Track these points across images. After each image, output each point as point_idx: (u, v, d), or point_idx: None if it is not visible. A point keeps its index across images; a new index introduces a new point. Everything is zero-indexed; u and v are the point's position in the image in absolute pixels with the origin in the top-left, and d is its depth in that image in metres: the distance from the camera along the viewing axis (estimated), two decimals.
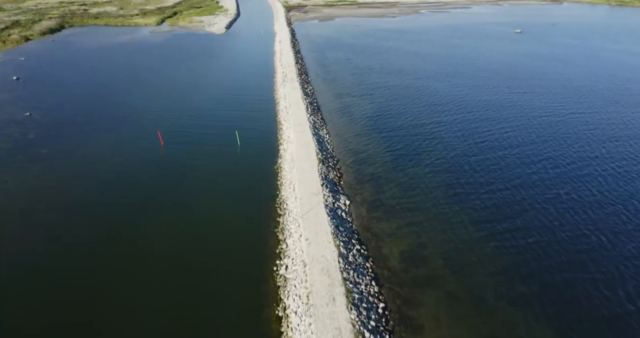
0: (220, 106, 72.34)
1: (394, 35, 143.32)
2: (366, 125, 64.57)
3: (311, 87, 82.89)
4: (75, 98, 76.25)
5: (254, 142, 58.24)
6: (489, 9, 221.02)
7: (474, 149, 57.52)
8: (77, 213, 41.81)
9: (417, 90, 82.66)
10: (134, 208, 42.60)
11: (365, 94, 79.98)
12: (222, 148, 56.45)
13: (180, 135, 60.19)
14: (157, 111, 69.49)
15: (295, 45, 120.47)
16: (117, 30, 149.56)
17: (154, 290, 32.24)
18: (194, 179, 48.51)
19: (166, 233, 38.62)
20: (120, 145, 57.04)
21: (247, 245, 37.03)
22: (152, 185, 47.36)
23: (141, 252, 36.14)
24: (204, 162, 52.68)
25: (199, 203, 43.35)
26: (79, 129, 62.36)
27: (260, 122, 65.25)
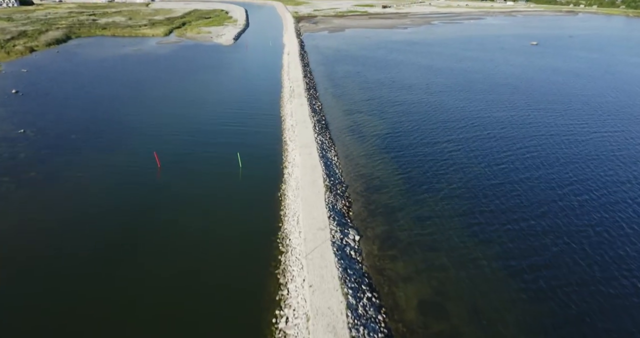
0: (224, 123, 68.66)
1: (405, 47, 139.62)
2: (377, 145, 60.47)
3: (319, 103, 79.04)
4: (72, 113, 73.02)
5: (257, 164, 54.31)
6: (503, 20, 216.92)
7: (492, 172, 53.15)
8: (59, 247, 37.97)
9: (430, 106, 78.51)
10: (122, 241, 38.66)
11: (375, 110, 75.97)
12: (223, 171, 52.58)
13: (178, 156, 56.44)
14: (156, 128, 65.95)
15: (304, 58, 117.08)
16: (123, 41, 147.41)
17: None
18: (190, 207, 44.59)
19: (156, 272, 34.59)
20: (114, 168, 53.35)
21: (245, 288, 32.90)
22: (144, 213, 43.49)
23: (127, 297, 32.11)
24: (202, 187, 48.80)
25: (193, 237, 39.34)
26: (72, 149, 58.84)
27: (264, 142, 61.38)
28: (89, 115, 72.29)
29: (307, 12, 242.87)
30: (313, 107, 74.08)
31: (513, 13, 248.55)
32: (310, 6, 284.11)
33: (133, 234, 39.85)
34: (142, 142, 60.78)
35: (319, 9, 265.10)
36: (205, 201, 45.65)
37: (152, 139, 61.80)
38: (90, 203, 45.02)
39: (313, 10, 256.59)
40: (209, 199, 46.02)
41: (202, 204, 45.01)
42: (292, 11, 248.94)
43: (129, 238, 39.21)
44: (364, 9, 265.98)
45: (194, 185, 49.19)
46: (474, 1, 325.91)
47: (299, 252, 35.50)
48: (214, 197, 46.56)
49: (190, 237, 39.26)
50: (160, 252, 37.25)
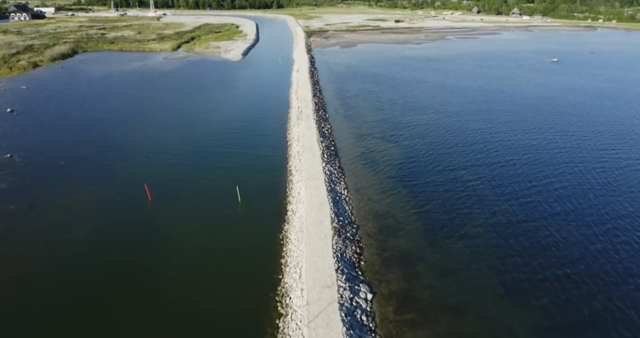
0: (224, 148, 63.65)
1: (419, 63, 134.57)
2: (390, 175, 54.93)
3: (329, 126, 73.83)
4: (65, 136, 68.59)
5: (258, 197, 48.99)
6: (520, 35, 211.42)
7: (519, 206, 47.34)
8: (33, 295, 32.76)
9: (447, 130, 72.93)
10: (104, 287, 33.39)
11: (388, 134, 70.55)
12: (220, 205, 47.38)
13: (172, 187, 51.34)
14: (151, 154, 61.08)
15: (313, 75, 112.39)
16: (130, 56, 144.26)
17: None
18: (180, 249, 39.37)
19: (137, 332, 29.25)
20: (101, 201, 48.36)
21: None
22: (131, 254, 38.48)
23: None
24: (196, 224, 43.58)
25: (179, 290, 33.94)
26: (58, 178, 54.05)
27: (267, 171, 56.12)
28: (82, 138, 67.78)
29: (319, 27, 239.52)
30: (322, 131, 68.88)
31: (529, 28, 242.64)
32: (322, 20, 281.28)
33: (114, 283, 34.59)
34: (135, 170, 55.84)
35: (331, 23, 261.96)
36: (197, 243, 40.39)
37: (146, 167, 56.86)
38: (70, 244, 39.97)
39: (324, 24, 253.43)
40: (202, 241, 40.78)
41: (194, 247, 39.74)
42: (303, 25, 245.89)
43: (111, 285, 33.89)
44: (376, 23, 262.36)
45: (186, 222, 44.03)
46: (488, 15, 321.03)
47: (301, 316, 29.90)
48: (208, 238, 41.32)
49: (176, 291, 33.88)
50: (141, 309, 31.86)
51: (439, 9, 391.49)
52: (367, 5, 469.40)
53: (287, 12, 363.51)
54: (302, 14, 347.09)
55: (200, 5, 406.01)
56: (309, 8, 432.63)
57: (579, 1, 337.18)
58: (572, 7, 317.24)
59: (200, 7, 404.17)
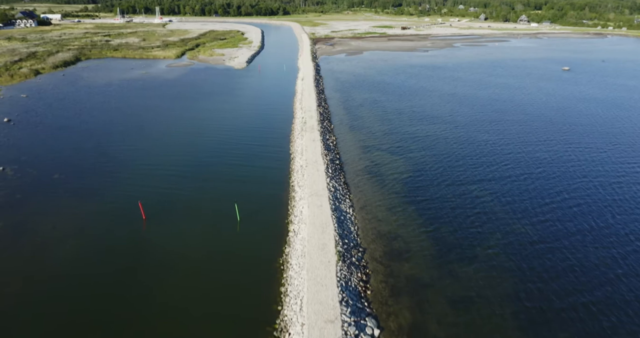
0: (224, 161, 61.08)
1: (426, 72, 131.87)
2: (397, 192, 52.08)
3: (334, 138, 71.15)
4: (61, 147, 66.36)
5: (258, 215, 46.32)
6: (529, 43, 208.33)
7: (533, 228, 44.36)
8: (19, 318, 30.12)
9: (457, 143, 70.04)
10: (93, 309, 30.69)
11: (396, 146, 67.75)
12: (218, 223, 44.77)
13: (168, 203, 48.76)
14: (147, 167, 58.57)
15: (318, 84, 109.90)
16: (133, 63, 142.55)
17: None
18: (173, 273, 36.78)
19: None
20: (94, 218, 45.87)
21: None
22: (121, 278, 35.94)
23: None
24: (191, 245, 40.96)
25: (171, 315, 31.21)
26: (50, 193, 51.64)
27: (269, 187, 53.42)
28: (78, 149, 65.49)
29: (324, 34, 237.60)
30: (326, 143, 66.18)
31: (538, 35, 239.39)
32: (328, 27, 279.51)
33: (104, 307, 31.95)
34: (130, 185, 53.34)
35: (337, 30, 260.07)
36: (192, 266, 37.81)
37: (142, 181, 54.35)
38: (57, 266, 37.42)
39: (330, 31, 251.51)
40: (198, 265, 38.14)
41: (188, 271, 37.09)
42: (309, 32, 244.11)
43: (99, 313, 31.19)
44: (382, 30, 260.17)
45: (182, 243, 41.41)
46: (496, 22, 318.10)
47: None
48: (204, 261, 38.68)
49: (166, 320, 31.13)
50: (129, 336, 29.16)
51: (446, 16, 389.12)
52: (373, 12, 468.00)
53: (293, 19, 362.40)
54: (308, 20, 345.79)
55: (206, 12, 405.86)
56: (315, 15, 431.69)
57: (587, 8, 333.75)
58: (581, 14, 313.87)
59: (207, 14, 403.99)
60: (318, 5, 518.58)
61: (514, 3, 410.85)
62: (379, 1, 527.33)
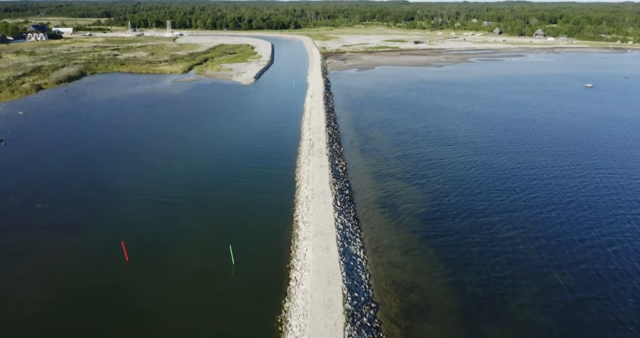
0: (222, 190, 55.84)
1: (441, 88, 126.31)
2: (414, 229, 46.38)
3: (343, 162, 65.68)
4: (50, 171, 61.91)
5: (255, 257, 40.96)
6: (546, 58, 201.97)
7: (574, 283, 38.35)
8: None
9: (475, 168, 64.29)
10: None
11: (410, 173, 62.10)
12: (209, 267, 39.55)
13: (155, 242, 43.57)
14: (139, 195, 53.55)
15: (328, 101, 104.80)
16: (138, 78, 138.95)
17: None
18: (153, 325, 31.44)
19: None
20: (72, 258, 40.93)
21: None
22: (96, 331, 30.64)
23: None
24: (176, 294, 35.73)
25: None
26: (30, 225, 46.88)
27: (269, 221, 48.00)
28: (68, 174, 60.92)
29: (336, 48, 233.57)
30: (335, 170, 60.71)
31: (556, 49, 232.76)
32: (339, 41, 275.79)
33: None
34: (116, 218, 48.27)
35: (348, 44, 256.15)
36: (177, 319, 32.48)
37: (130, 213, 49.29)
38: (22, 318, 32.20)
39: (342, 45, 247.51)
40: (183, 316, 32.88)
41: (171, 329, 31.58)
42: (320, 46, 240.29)
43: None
44: (395, 44, 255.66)
45: (166, 291, 36.11)
46: (511, 36, 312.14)
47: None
48: (190, 313, 33.39)
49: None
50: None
51: (459, 30, 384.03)
52: (385, 26, 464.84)
53: (305, 33, 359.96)
54: (320, 34, 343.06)
55: (217, 26, 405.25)
56: (326, 29, 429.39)
57: (605, 22, 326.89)
58: (598, 29, 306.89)
59: (218, 27, 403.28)
60: (330, 19, 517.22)
61: (529, 17, 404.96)
62: (391, 15, 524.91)
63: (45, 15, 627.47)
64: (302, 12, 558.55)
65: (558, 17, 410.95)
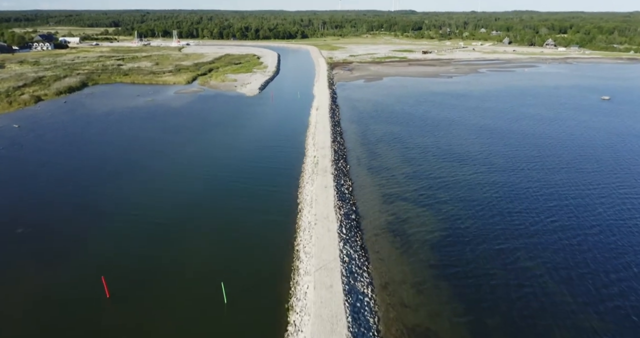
0: (217, 213, 51.77)
1: (451, 100, 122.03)
2: (427, 261, 42.02)
3: (349, 182, 61.41)
4: (36, 191, 58.31)
5: (250, 294, 36.77)
6: (559, 68, 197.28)
7: (602, 326, 33.60)
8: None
9: (492, 189, 59.81)
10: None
11: (421, 194, 57.70)
12: (197, 306, 35.31)
13: (139, 276, 39.46)
14: (125, 221, 49.53)
15: (334, 114, 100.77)
16: (140, 89, 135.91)
17: None
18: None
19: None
20: (48, 292, 36.93)
21: None
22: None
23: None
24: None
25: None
26: (6, 254, 43.07)
27: (268, 250, 43.77)
28: (55, 194, 57.33)
29: (343, 58, 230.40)
30: (340, 190, 56.43)
31: (567, 60, 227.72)
32: (346, 51, 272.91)
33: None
34: (100, 248, 44.23)
35: (355, 54, 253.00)
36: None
37: (115, 241, 45.25)
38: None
39: (349, 55, 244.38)
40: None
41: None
42: (327, 56, 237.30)
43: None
44: (403, 54, 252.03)
45: (149, 332, 31.86)
46: (521, 46, 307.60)
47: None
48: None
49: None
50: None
51: (468, 40, 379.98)
52: (393, 36, 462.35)
53: (311, 43, 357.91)
54: (327, 44, 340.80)
55: (224, 36, 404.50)
56: (333, 38, 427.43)
57: (617, 32, 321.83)
58: (610, 39, 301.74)
59: (225, 37, 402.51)
60: (337, 29, 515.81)
61: (538, 27, 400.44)
62: (399, 25, 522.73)
63: (55, 24, 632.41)
64: (309, 22, 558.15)
65: (568, 27, 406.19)
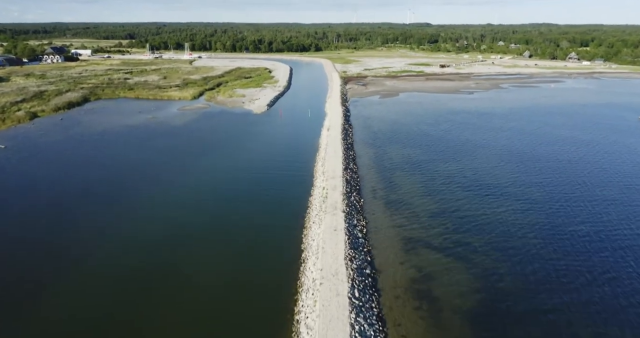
0: (204, 265, 43.18)
1: (473, 119, 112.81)
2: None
3: (363, 223, 52.44)
4: (9, 222, 50.67)
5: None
6: (585, 84, 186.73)
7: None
8: None
9: (535, 235, 50.64)
10: None
11: (449, 241, 48.62)
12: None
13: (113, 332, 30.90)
14: (97, 272, 41.15)
15: (347, 136, 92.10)
16: (144, 105, 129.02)
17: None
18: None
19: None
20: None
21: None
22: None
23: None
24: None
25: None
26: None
27: (260, 321, 34.91)
28: (29, 229, 50.20)
29: (357, 72, 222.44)
30: (353, 235, 47.51)
31: (594, 75, 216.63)
32: (360, 65, 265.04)
33: None
34: (63, 310, 35.77)
35: (370, 68, 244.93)
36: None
37: (81, 299, 36.75)
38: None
39: (363, 69, 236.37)
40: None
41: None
42: (340, 70, 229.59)
43: None
44: (419, 68, 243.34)
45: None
46: (542, 60, 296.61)
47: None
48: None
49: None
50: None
51: (486, 53, 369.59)
52: (408, 49, 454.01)
53: (325, 56, 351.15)
54: (340, 57, 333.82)
55: (237, 49, 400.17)
56: (347, 51, 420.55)
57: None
58: (637, 52, 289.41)
59: (237, 50, 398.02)
60: (351, 42, 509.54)
61: (559, 40, 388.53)
62: (414, 37, 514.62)
63: (72, 37, 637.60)
64: (323, 35, 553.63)
65: (589, 40, 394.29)
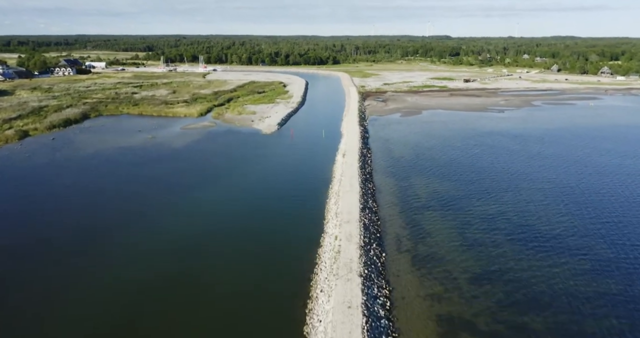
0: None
1: (507, 142, 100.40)
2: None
3: (386, 291, 40.61)
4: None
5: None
6: (626, 101, 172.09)
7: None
8: None
9: (611, 312, 38.05)
10: None
11: (501, 322, 36.56)
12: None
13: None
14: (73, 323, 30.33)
15: (365, 163, 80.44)
16: (146, 122, 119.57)
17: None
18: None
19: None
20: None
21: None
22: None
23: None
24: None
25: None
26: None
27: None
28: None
29: (376, 87, 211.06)
30: (373, 316, 35.70)
31: (632, 91, 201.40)
32: (380, 79, 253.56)
33: None
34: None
35: (390, 82, 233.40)
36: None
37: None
38: None
39: (382, 84, 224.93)
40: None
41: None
42: (359, 85, 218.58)
43: None
44: (442, 83, 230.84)
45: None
46: (572, 74, 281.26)
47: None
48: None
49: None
50: None
51: (511, 67, 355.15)
52: (429, 62, 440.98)
53: (343, 69, 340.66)
54: (359, 70, 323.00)
55: (253, 61, 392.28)
56: (366, 64, 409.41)
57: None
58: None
59: (253, 63, 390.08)
60: (370, 54, 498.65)
61: (587, 53, 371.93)
62: (435, 50, 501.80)
63: (92, 49, 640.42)
64: (341, 47, 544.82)
65: (619, 54, 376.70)
